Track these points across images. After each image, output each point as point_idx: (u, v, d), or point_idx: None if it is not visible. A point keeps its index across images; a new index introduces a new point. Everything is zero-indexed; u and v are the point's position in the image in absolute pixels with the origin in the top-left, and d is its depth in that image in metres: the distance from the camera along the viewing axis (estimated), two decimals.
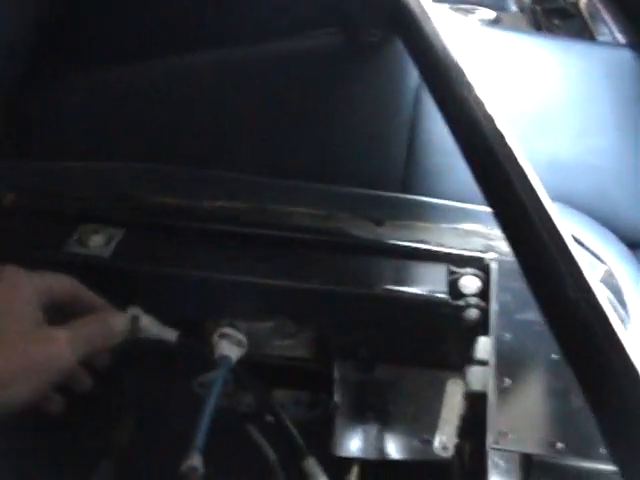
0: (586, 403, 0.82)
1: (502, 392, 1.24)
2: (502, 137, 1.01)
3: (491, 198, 1.03)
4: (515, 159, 0.97)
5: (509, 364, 1.29)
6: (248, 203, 1.56)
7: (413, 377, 1.52)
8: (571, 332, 0.86)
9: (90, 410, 1.64)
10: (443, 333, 1.50)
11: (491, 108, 1.05)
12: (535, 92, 1.75)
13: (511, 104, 1.67)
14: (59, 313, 1.31)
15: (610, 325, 0.81)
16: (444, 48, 1.17)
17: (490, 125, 1.03)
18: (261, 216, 1.56)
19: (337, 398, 1.48)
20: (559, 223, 0.90)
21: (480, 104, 1.06)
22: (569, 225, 0.89)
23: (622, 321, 1.39)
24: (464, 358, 1.48)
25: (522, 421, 1.20)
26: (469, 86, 1.09)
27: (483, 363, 1.39)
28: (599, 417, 0.80)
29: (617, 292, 1.45)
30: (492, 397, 1.24)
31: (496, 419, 1.20)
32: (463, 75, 1.11)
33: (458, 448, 1.42)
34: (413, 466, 1.43)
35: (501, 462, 1.14)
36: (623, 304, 1.43)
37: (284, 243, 1.54)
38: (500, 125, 1.02)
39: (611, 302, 1.43)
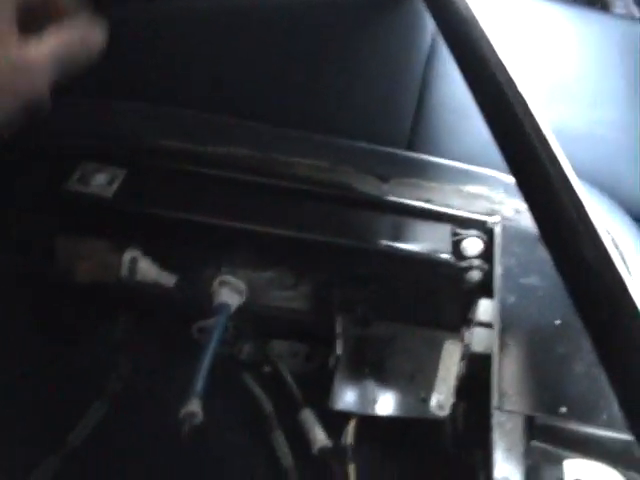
0: (603, 370, 0.82)
1: (507, 355, 1.23)
2: (524, 101, 1.00)
3: (512, 160, 1.02)
4: (538, 123, 0.97)
5: (513, 327, 1.29)
6: (252, 151, 1.54)
7: (412, 335, 1.52)
8: (587, 292, 0.86)
9: (85, 354, 1.64)
10: (444, 293, 1.50)
11: (513, 72, 1.04)
12: (547, 59, 1.74)
13: (522, 70, 1.65)
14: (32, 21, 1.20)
15: (626, 287, 0.81)
16: (466, 7, 1.15)
17: (512, 88, 1.02)
18: (265, 165, 1.54)
19: (340, 352, 1.48)
20: (578, 186, 0.89)
21: (502, 67, 1.05)
22: (589, 203, 0.89)
23: None
24: (463, 320, 1.48)
25: (526, 384, 1.20)
26: (490, 46, 1.08)
27: (486, 325, 1.39)
28: (616, 387, 0.80)
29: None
30: (496, 359, 1.23)
31: (501, 381, 1.20)
32: (484, 35, 1.09)
33: (454, 408, 1.43)
34: (409, 423, 1.44)
35: (505, 423, 1.14)
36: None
37: (287, 193, 1.53)
38: (523, 89, 1.01)
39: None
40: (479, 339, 1.40)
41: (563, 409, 1.16)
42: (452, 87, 1.55)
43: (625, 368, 0.78)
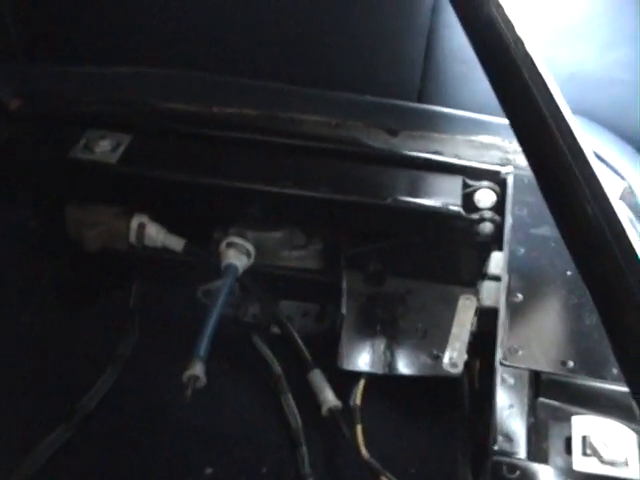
0: (601, 322, 0.79)
1: (514, 308, 1.20)
2: (522, 44, 0.96)
3: (508, 107, 0.98)
4: (535, 68, 0.93)
5: (522, 279, 1.25)
6: (258, 110, 1.52)
7: (424, 291, 1.49)
8: (588, 248, 0.83)
9: (97, 316, 1.65)
10: (456, 247, 1.47)
11: (512, 13, 0.99)
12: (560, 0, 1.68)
13: (533, 12, 1.60)
14: None
15: (629, 242, 0.77)
16: None
17: (510, 31, 0.98)
18: (271, 123, 1.51)
19: (344, 311, 1.46)
20: (580, 135, 0.85)
21: (500, 8, 1.01)
22: (590, 139, 0.85)
23: None
24: (477, 273, 1.44)
25: (533, 338, 1.16)
26: None
27: (496, 278, 1.36)
28: (613, 338, 0.77)
29: (637, 209, 1.40)
30: (503, 313, 1.20)
31: (507, 335, 1.16)
32: None
33: (468, 365, 1.40)
34: (421, 382, 1.41)
35: (510, 379, 1.11)
36: None
37: (294, 151, 1.50)
38: (520, 31, 0.97)
39: (631, 221, 1.38)
40: (489, 293, 1.36)
41: (571, 364, 1.12)
42: (461, 37, 1.50)
43: (622, 322, 0.75)
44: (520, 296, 1.22)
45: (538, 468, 1.01)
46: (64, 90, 1.58)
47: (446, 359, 1.39)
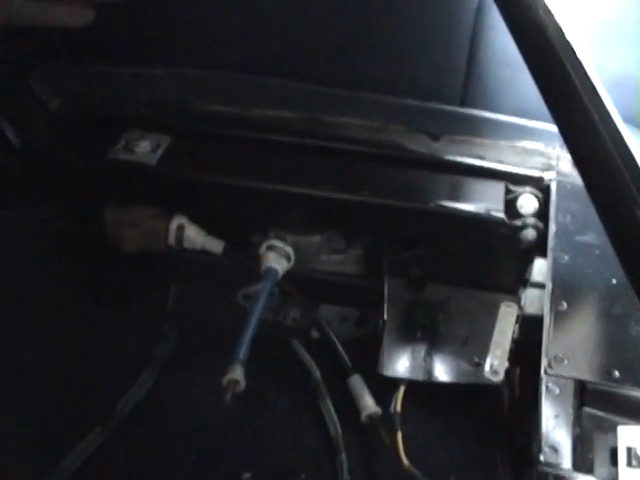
0: None
1: (558, 316, 1.18)
2: (571, 49, 0.94)
3: (557, 113, 0.96)
4: (585, 73, 0.91)
5: (566, 287, 1.23)
6: (299, 112, 1.51)
7: (465, 298, 1.48)
8: (638, 255, 0.82)
9: (134, 322, 1.64)
10: (498, 253, 1.45)
11: (560, 18, 0.98)
12: (605, 3, 1.66)
13: (577, 16, 1.58)
14: None
15: None
16: None
17: (559, 36, 0.96)
18: (312, 126, 1.50)
19: (386, 316, 1.44)
20: (630, 142, 0.84)
21: (549, 14, 1.00)
22: (637, 149, 0.83)
23: None
24: (519, 281, 1.43)
25: (578, 347, 1.15)
26: None
27: (539, 286, 1.34)
28: None
29: None
30: (548, 321, 1.18)
31: (551, 344, 1.15)
32: None
33: (508, 373, 1.38)
34: (461, 389, 1.40)
35: (555, 388, 1.10)
36: None
37: (335, 154, 1.49)
38: (569, 37, 0.95)
39: None
40: (532, 300, 1.35)
41: (617, 373, 1.10)
42: (505, 40, 1.49)
43: None
44: (565, 304, 1.20)
45: (583, 479, 1.00)
46: (104, 91, 1.57)
47: (487, 367, 1.37)
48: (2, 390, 1.47)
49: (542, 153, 1.47)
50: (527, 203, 1.42)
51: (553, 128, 1.41)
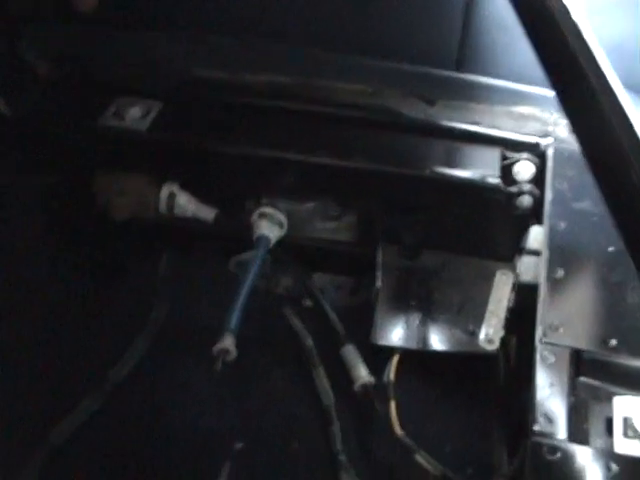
0: None
1: (554, 284, 1.17)
2: (569, 13, 0.92)
3: (554, 78, 0.94)
4: (582, 37, 0.89)
5: (563, 255, 1.22)
6: (292, 77, 1.49)
7: (460, 266, 1.46)
8: (634, 218, 0.80)
9: (126, 291, 1.63)
10: (493, 220, 1.43)
11: None
12: None
13: None
14: None
15: None
16: None
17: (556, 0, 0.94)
18: (306, 91, 1.48)
19: (379, 284, 1.43)
20: (630, 109, 0.82)
21: None
22: (636, 115, 0.81)
23: None
24: (514, 248, 1.41)
25: (574, 315, 1.14)
26: None
27: (535, 253, 1.33)
28: None
29: None
30: (544, 289, 1.17)
31: (547, 312, 1.13)
32: None
33: (504, 342, 1.37)
34: (456, 358, 1.38)
35: (550, 357, 1.08)
36: None
37: (328, 119, 1.47)
38: (567, 0, 0.93)
39: None
40: (527, 268, 1.33)
41: (613, 342, 1.09)
42: (501, 4, 1.46)
43: None
44: (561, 272, 1.19)
45: (578, 450, 0.98)
46: (94, 55, 1.55)
47: (482, 335, 1.36)
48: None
49: (539, 119, 1.45)
50: (523, 169, 1.40)
51: (550, 93, 1.39)
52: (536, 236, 1.35)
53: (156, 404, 1.47)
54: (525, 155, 1.41)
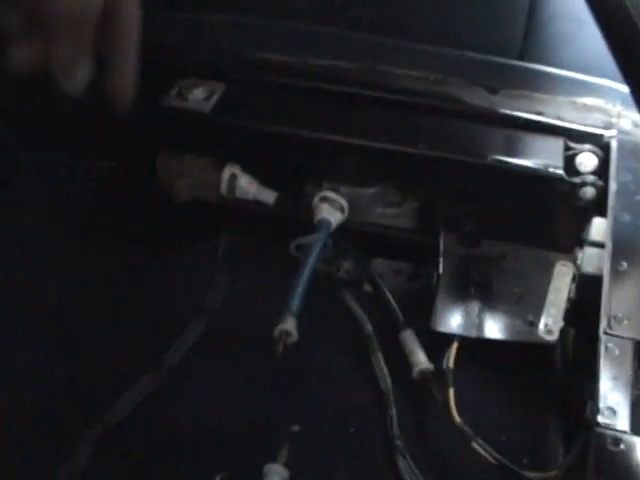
0: None
1: (618, 276, 1.16)
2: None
3: (628, 72, 0.94)
4: None
5: (627, 247, 1.21)
6: (356, 62, 1.49)
7: (521, 255, 1.45)
8: None
9: (185, 272, 1.64)
10: (556, 211, 1.43)
11: None
12: None
13: None
14: None
15: None
16: None
17: None
18: (369, 77, 1.48)
19: (440, 271, 1.43)
20: None
21: None
22: None
23: None
24: (576, 239, 1.41)
25: (638, 307, 1.13)
26: None
27: (598, 245, 1.32)
28: None
29: None
30: (607, 281, 1.16)
31: (611, 304, 1.13)
32: None
33: (562, 333, 1.37)
34: (514, 348, 1.38)
35: (615, 349, 1.08)
36: None
37: (392, 106, 1.47)
38: None
39: None
40: (590, 259, 1.33)
41: None
42: None
43: None
44: (625, 264, 1.18)
45: None
46: (158, 37, 1.56)
47: (541, 325, 1.35)
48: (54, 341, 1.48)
49: (602, 110, 1.44)
50: (586, 160, 1.39)
51: (614, 85, 1.38)
52: (598, 228, 1.34)
53: (213, 385, 1.47)
54: (588, 146, 1.40)
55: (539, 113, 1.44)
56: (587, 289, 1.31)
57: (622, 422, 1.00)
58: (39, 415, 1.38)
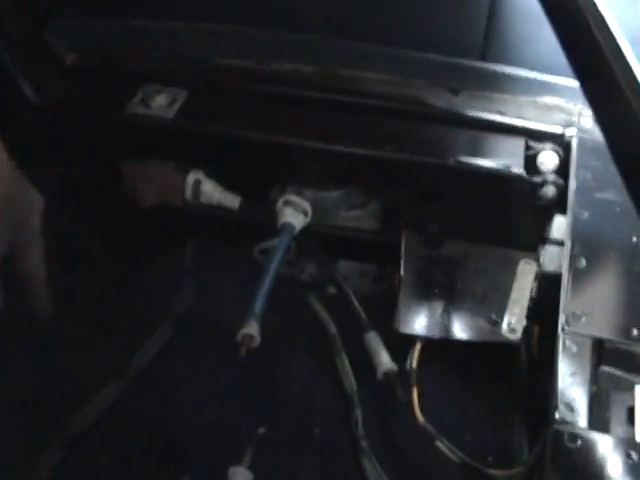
0: None
1: (577, 274, 1.17)
2: (594, 4, 0.92)
3: (579, 69, 0.95)
4: (607, 28, 0.89)
5: (585, 244, 1.22)
6: (318, 66, 1.49)
7: (483, 255, 1.46)
8: None
9: (151, 277, 1.64)
10: (517, 210, 1.44)
11: None
12: None
13: None
14: None
15: None
16: None
17: None
18: (331, 80, 1.49)
19: (403, 272, 1.44)
20: None
21: None
22: None
23: None
24: (538, 238, 1.42)
25: (597, 305, 1.14)
26: None
27: (558, 243, 1.33)
28: None
29: None
30: (566, 278, 1.17)
31: (570, 301, 1.13)
32: None
33: (526, 331, 1.37)
34: (478, 347, 1.39)
35: (572, 346, 1.09)
36: None
37: (354, 109, 1.47)
38: None
39: None
40: (551, 257, 1.34)
41: (635, 332, 1.09)
42: None
43: None
44: (584, 262, 1.19)
45: (599, 438, 0.98)
46: (120, 45, 1.56)
47: (505, 324, 1.36)
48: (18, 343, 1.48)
49: (563, 109, 1.45)
50: (547, 159, 1.40)
51: (575, 84, 1.38)
52: (559, 226, 1.36)
53: (179, 389, 1.47)
54: (549, 145, 1.41)
55: (500, 113, 1.45)
56: (549, 287, 1.31)
57: (580, 418, 1.01)
58: (6, 421, 1.38)
